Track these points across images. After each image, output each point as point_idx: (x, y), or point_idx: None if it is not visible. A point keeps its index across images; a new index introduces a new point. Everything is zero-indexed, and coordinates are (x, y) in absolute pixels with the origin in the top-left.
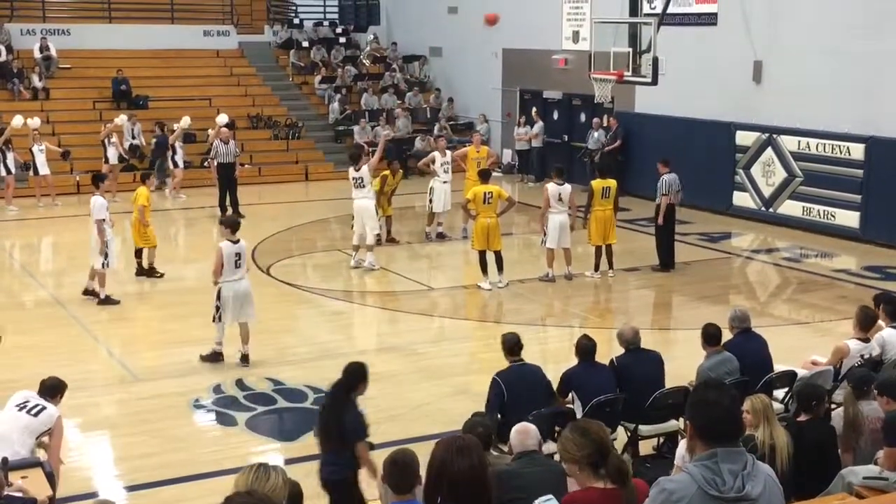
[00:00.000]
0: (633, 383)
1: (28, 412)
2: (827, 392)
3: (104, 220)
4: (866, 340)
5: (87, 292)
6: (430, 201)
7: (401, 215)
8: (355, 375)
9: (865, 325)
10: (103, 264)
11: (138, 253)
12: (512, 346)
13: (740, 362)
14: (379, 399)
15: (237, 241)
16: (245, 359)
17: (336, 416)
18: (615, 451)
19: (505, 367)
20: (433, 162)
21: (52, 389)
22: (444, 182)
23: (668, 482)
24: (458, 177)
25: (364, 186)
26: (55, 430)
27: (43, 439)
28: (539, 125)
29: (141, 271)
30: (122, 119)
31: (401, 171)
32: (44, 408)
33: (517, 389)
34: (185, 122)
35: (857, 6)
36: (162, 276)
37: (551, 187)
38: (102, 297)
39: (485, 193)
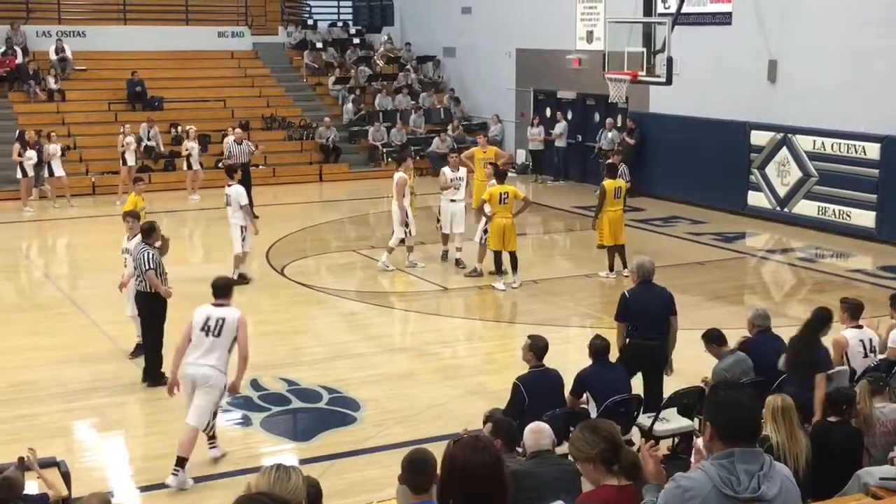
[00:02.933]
0: (642, 313)
1: (212, 334)
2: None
3: (247, 205)
4: (859, 328)
5: (240, 278)
6: (438, 220)
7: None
8: (824, 320)
9: (854, 314)
10: (242, 246)
11: None
12: (539, 350)
13: (760, 362)
14: (392, 399)
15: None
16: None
17: (808, 350)
18: (627, 447)
19: (526, 372)
20: (442, 177)
21: (225, 290)
22: (453, 200)
23: (684, 478)
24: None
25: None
26: (240, 330)
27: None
28: (561, 125)
29: None
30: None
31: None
32: (222, 319)
33: (538, 395)
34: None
35: (873, 4)
36: None
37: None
38: (236, 275)
39: (501, 194)
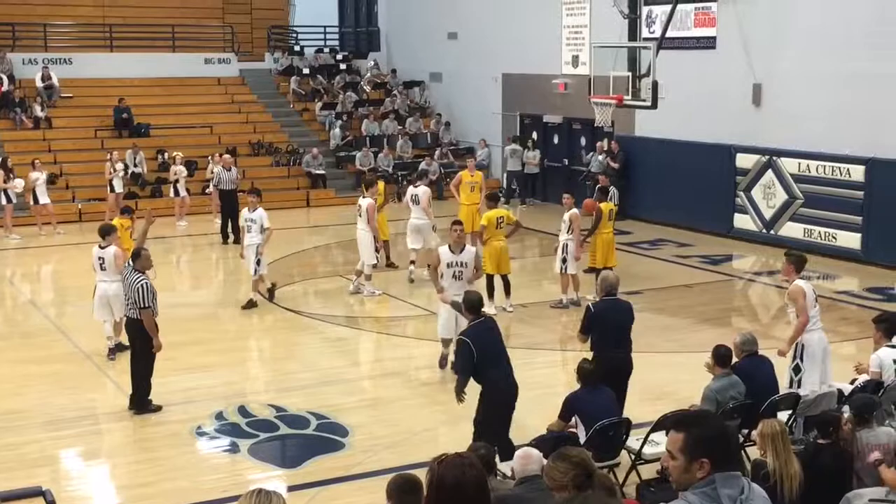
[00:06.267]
0: (607, 326)
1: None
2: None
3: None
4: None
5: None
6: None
7: (399, 241)
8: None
9: (799, 266)
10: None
11: None
12: (474, 304)
13: (748, 385)
14: (380, 425)
15: (105, 247)
16: (120, 347)
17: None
18: (599, 470)
19: (469, 326)
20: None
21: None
22: (448, 307)
23: None
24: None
25: (361, 216)
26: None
27: None
28: (510, 147)
29: None
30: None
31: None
32: (416, 194)
33: (484, 345)
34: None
35: (856, 29)
36: None
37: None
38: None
39: (497, 218)
